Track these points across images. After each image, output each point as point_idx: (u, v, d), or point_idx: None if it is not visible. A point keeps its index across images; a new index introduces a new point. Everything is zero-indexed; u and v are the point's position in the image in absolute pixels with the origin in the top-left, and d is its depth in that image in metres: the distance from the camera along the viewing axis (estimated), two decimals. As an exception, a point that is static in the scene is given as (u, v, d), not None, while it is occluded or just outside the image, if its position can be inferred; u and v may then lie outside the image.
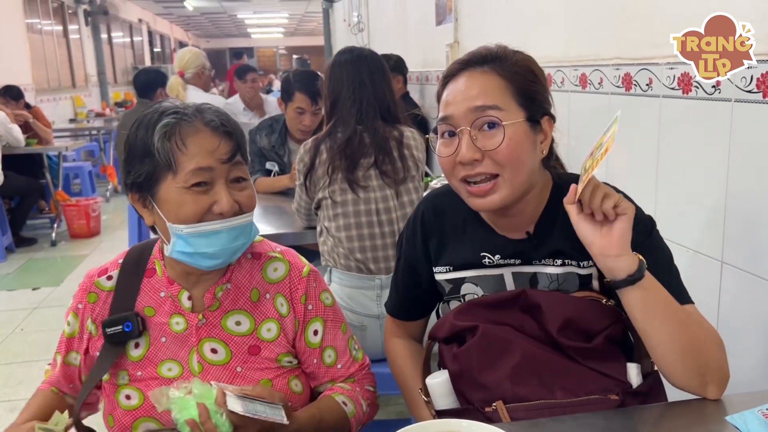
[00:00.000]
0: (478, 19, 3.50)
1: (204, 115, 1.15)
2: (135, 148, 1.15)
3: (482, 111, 1.12)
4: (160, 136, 1.12)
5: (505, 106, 1.13)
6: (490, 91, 1.14)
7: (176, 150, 1.11)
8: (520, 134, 1.13)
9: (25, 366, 3.42)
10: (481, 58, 1.17)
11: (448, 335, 1.24)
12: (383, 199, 2.08)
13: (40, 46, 9.51)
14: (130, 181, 1.17)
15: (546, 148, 1.18)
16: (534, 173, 1.17)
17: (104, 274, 1.28)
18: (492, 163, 1.12)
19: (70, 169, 7.23)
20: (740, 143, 1.53)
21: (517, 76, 1.15)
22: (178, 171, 1.11)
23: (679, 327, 1.05)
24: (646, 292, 1.05)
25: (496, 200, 1.14)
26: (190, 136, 1.12)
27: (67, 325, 1.28)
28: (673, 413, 1.08)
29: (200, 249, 1.14)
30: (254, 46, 27.51)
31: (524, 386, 1.12)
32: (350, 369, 1.33)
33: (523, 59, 1.19)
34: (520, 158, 1.13)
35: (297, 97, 2.84)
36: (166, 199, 1.13)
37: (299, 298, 1.27)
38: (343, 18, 7.68)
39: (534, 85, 1.17)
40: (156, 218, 1.17)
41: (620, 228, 1.05)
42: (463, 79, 1.16)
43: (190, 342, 1.22)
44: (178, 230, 1.14)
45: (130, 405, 1.21)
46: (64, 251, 5.63)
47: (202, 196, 1.13)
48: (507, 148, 1.11)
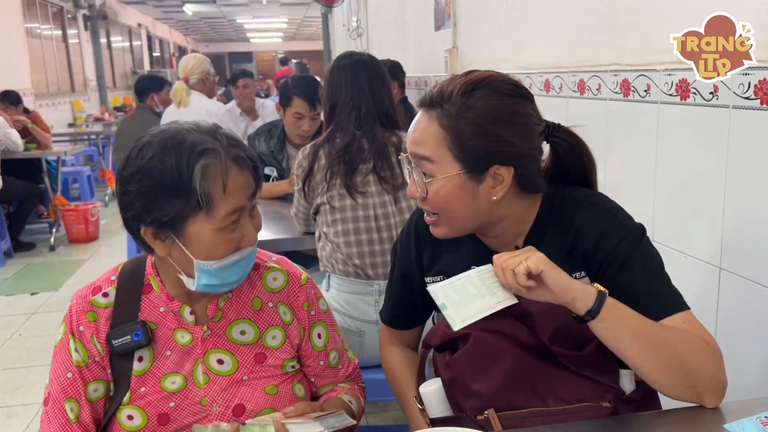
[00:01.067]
0: (476, 25, 3.51)
1: (229, 148, 1.11)
2: (162, 186, 1.07)
3: (417, 159, 1.15)
4: (200, 179, 1.07)
5: (437, 158, 1.12)
6: (428, 140, 1.13)
7: (217, 192, 1.08)
8: (450, 187, 1.12)
9: (24, 371, 3.41)
10: (431, 100, 1.14)
11: (440, 343, 1.24)
12: (381, 205, 2.08)
13: (40, 50, 9.52)
14: (150, 219, 1.09)
15: (500, 193, 1.13)
16: (484, 214, 1.16)
17: (98, 291, 1.22)
18: (430, 204, 1.16)
19: (68, 174, 7.23)
20: (738, 149, 1.53)
21: (457, 129, 1.10)
22: (214, 212, 1.08)
23: (654, 347, 1.04)
24: (610, 323, 1.04)
25: (440, 233, 1.19)
26: (226, 176, 1.09)
27: (75, 352, 1.19)
28: (671, 421, 1.08)
29: (226, 280, 1.15)
30: (253, 51, 27.54)
31: (516, 394, 1.12)
32: (348, 369, 1.40)
33: (474, 106, 1.10)
34: (451, 209, 1.14)
35: (295, 103, 2.84)
36: (196, 238, 1.10)
37: (301, 305, 1.29)
38: (342, 23, 7.70)
39: (478, 138, 1.10)
40: (175, 252, 1.13)
41: (551, 281, 1.02)
42: (418, 117, 1.17)
43: (195, 354, 1.21)
44: (206, 266, 1.12)
45: (133, 426, 1.17)
46: (62, 256, 5.62)
47: (234, 235, 1.12)
48: (435, 200, 1.14)
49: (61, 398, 1.17)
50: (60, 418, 1.17)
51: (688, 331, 1.08)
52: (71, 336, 1.20)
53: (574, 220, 1.16)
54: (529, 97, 1.16)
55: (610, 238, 1.13)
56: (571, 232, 1.16)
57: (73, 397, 1.18)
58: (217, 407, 1.20)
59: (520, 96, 1.15)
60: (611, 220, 1.15)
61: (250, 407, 1.20)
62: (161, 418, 1.18)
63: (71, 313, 1.21)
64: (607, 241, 1.13)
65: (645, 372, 1.06)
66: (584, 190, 1.22)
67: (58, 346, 1.21)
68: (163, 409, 1.18)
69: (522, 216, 1.19)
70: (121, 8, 13.92)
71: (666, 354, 1.05)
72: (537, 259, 1.03)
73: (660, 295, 1.10)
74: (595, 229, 1.13)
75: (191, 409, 1.19)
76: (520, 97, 1.15)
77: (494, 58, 3.15)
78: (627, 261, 1.11)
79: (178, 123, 1.15)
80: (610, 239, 1.13)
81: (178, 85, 4.14)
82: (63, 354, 1.20)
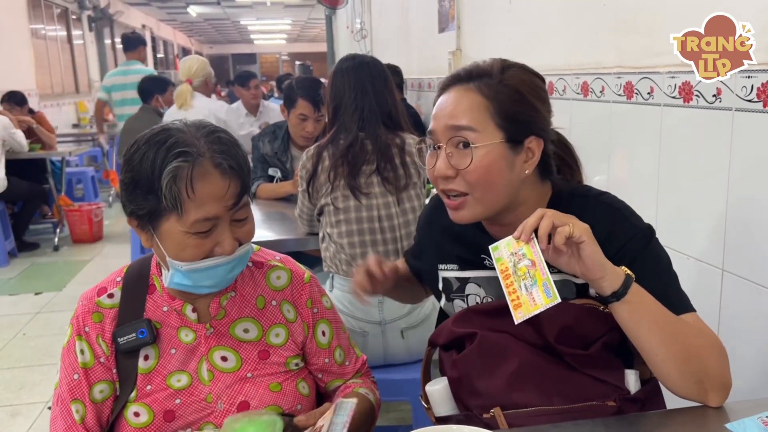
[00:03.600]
0: (480, 27, 3.52)
1: (214, 154, 1.09)
2: (138, 181, 1.09)
3: (456, 131, 1.14)
4: (168, 180, 1.05)
5: (480, 127, 1.13)
6: (467, 110, 1.14)
7: (184, 196, 1.06)
8: (493, 156, 1.13)
9: (27, 370, 3.42)
10: (467, 75, 1.18)
11: (447, 342, 1.25)
12: (385, 206, 2.09)
13: (44, 51, 9.55)
14: (130, 210, 1.12)
15: (531, 167, 1.16)
16: (513, 192, 1.17)
17: (104, 293, 1.23)
18: (463, 182, 1.15)
19: (72, 174, 7.27)
20: (741, 152, 1.54)
21: (500, 96, 1.14)
22: (183, 215, 1.07)
23: (671, 337, 1.06)
24: (634, 306, 1.05)
25: (466, 216, 1.18)
26: (199, 182, 1.06)
27: (80, 353, 1.20)
28: (674, 420, 1.08)
29: (199, 282, 1.14)
30: (257, 52, 27.60)
31: (522, 393, 1.13)
32: (356, 365, 1.39)
33: (513, 76, 1.17)
34: (490, 180, 1.14)
35: (300, 104, 2.85)
36: (167, 236, 1.11)
37: (305, 303, 1.30)
38: (346, 25, 7.71)
39: (519, 105, 1.15)
40: (155, 245, 1.15)
41: (587, 254, 1.03)
42: (448, 95, 1.18)
43: (199, 351, 1.22)
44: (177, 266, 1.12)
45: (139, 423, 1.18)
46: (66, 256, 5.64)
47: (205, 240, 1.11)
48: (476, 170, 1.13)
49: (68, 399, 1.19)
50: (66, 419, 1.18)
51: (704, 327, 1.10)
52: (77, 337, 1.21)
53: (582, 218, 1.16)
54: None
55: (618, 238, 1.13)
56: None
57: (78, 399, 1.19)
58: (222, 404, 1.21)
59: (543, 80, 1.23)
60: (620, 220, 1.16)
61: (255, 404, 1.21)
62: (167, 415, 1.19)
63: (77, 315, 1.22)
64: (616, 240, 1.13)
65: (658, 361, 1.06)
66: (593, 189, 1.23)
67: (65, 348, 1.22)
68: (168, 406, 1.19)
69: (534, 206, 1.20)
70: (126, 9, 13.96)
71: (681, 345, 1.06)
72: (582, 228, 1.03)
73: (668, 295, 1.11)
74: (603, 228, 1.13)
75: (196, 405, 1.20)
76: (543, 81, 1.23)
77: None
78: (636, 260, 1.11)
79: (181, 120, 1.16)
80: (618, 238, 1.13)
81: (183, 88, 4.15)
82: (70, 356, 1.21)
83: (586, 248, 1.03)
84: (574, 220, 1.05)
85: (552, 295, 1.00)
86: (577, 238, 1.02)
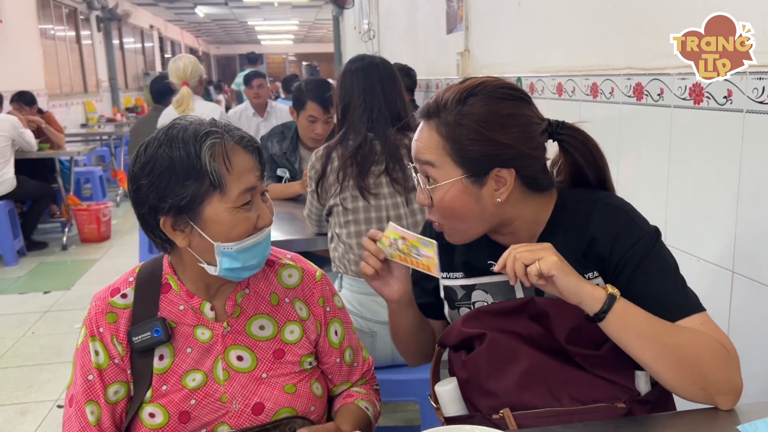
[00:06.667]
0: (488, 28, 3.51)
1: (232, 133, 1.15)
2: (172, 170, 1.10)
3: (422, 164, 1.17)
4: (209, 156, 1.10)
5: (439, 163, 1.14)
6: (430, 146, 1.15)
7: (223, 170, 1.11)
8: (454, 192, 1.14)
9: (36, 369, 3.43)
10: (428, 111, 1.17)
11: (456, 342, 1.25)
12: (394, 206, 2.10)
13: (53, 51, 9.59)
14: (168, 204, 1.11)
15: (503, 195, 1.13)
16: (490, 217, 1.16)
17: (117, 293, 1.23)
18: (437, 213, 1.18)
19: (81, 174, 7.31)
20: (751, 154, 1.53)
21: (456, 135, 1.12)
22: (226, 191, 1.11)
23: (663, 350, 1.05)
24: (619, 324, 1.05)
25: (454, 240, 1.22)
26: (233, 156, 1.13)
27: (95, 354, 1.19)
28: (684, 422, 1.08)
29: (247, 262, 1.17)
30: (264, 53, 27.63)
31: (531, 394, 1.13)
32: (363, 368, 1.40)
33: (470, 112, 1.12)
34: (457, 214, 1.15)
35: (309, 106, 2.86)
36: (213, 221, 1.12)
37: (317, 301, 1.31)
38: (353, 25, 7.72)
39: (476, 143, 1.11)
40: (194, 240, 1.15)
41: (560, 285, 1.04)
42: (420, 126, 1.19)
43: (215, 350, 1.22)
44: (227, 248, 1.14)
45: (155, 424, 1.18)
46: (74, 255, 5.67)
47: (250, 213, 1.15)
48: (440, 205, 1.16)
49: (82, 400, 1.19)
50: (81, 420, 1.18)
51: (703, 332, 1.09)
52: (91, 338, 1.21)
53: (588, 221, 1.16)
54: (525, 98, 1.17)
55: (625, 241, 1.13)
56: (586, 233, 1.16)
57: (93, 400, 1.19)
58: (237, 404, 1.21)
59: (515, 98, 1.16)
60: (627, 222, 1.15)
61: (270, 406, 1.21)
62: (182, 416, 1.19)
63: (90, 316, 1.22)
64: (623, 243, 1.13)
65: (655, 373, 1.07)
66: (599, 192, 1.22)
67: (79, 349, 1.22)
68: (184, 407, 1.19)
69: (534, 216, 1.20)
70: (134, 10, 14.01)
71: (676, 356, 1.05)
72: (550, 264, 1.03)
73: (675, 297, 1.11)
74: (610, 231, 1.14)
75: (211, 406, 1.20)
76: (515, 99, 1.15)
77: (506, 62, 3.16)
78: (642, 263, 1.11)
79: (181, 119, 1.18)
80: (625, 241, 1.13)
81: (184, 92, 3.96)
82: (84, 357, 1.21)
83: (558, 281, 1.04)
84: (544, 252, 1.05)
85: (429, 243, 1.13)
86: (546, 274, 1.03)
